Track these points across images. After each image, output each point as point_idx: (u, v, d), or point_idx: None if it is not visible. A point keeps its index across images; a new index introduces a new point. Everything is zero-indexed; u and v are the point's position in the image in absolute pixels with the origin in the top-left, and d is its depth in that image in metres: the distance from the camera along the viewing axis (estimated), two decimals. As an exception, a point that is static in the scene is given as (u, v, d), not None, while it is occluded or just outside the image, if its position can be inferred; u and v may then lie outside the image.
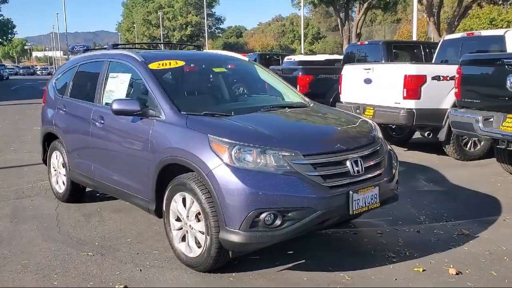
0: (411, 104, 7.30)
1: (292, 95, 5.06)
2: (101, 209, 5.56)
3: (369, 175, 3.75)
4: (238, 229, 3.37)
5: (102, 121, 4.74)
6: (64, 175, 5.69)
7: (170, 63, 4.67)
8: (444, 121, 7.49)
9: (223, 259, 3.65)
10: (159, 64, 4.59)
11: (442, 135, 7.60)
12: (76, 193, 5.74)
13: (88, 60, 5.56)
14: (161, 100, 4.14)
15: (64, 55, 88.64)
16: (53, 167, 5.99)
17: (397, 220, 4.93)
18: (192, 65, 4.93)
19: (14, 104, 20.87)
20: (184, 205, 3.82)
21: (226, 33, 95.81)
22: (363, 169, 3.69)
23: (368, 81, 8.06)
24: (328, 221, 3.64)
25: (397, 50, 10.89)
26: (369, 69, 8.04)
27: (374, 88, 7.96)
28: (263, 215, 3.35)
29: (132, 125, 4.32)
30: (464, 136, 7.57)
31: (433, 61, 9.44)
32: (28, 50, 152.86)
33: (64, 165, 5.65)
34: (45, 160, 6.23)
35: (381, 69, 7.94)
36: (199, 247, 3.74)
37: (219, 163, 3.46)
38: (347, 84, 8.75)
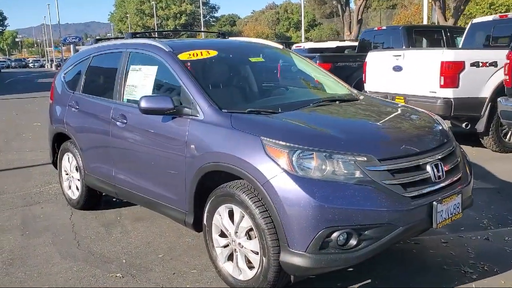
0: (449, 93, 6.74)
1: (336, 86, 4.49)
2: (121, 217, 4.99)
3: (450, 181, 3.20)
4: (305, 251, 2.81)
5: (125, 120, 4.16)
6: (78, 179, 5.12)
7: (201, 53, 4.08)
8: (483, 110, 6.95)
9: (281, 284, 3.10)
10: (190, 54, 4.01)
11: (481, 126, 7.05)
12: (92, 199, 5.16)
13: (103, 51, 4.95)
14: (198, 97, 3.56)
15: (56, 47, 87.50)
16: (65, 171, 5.41)
17: (458, 226, 4.38)
18: (224, 55, 4.34)
19: (9, 98, 20.11)
20: (231, 219, 3.27)
21: (219, 22, 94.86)
22: (444, 174, 3.14)
23: (397, 68, 7.48)
24: (404, 237, 3.10)
25: (417, 35, 10.31)
26: (400, 55, 7.46)
27: (405, 76, 7.39)
28: (335, 235, 2.79)
29: (163, 125, 3.74)
30: (504, 127, 7.04)
31: (460, 46, 8.88)
32: (20, 43, 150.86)
33: (78, 169, 5.07)
34: (55, 163, 5.64)
35: (413, 56, 7.36)
36: (250, 268, 3.18)
37: (278, 172, 2.89)
38: (373, 72, 8.18)
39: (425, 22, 16.84)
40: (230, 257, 3.35)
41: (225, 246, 3.37)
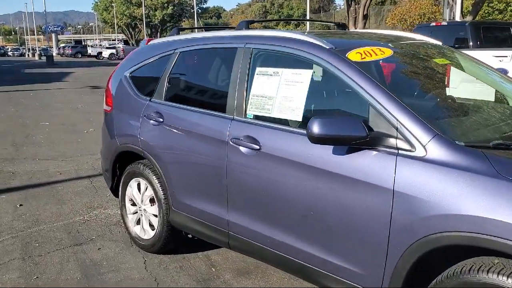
0: None
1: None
2: (215, 267, 3.73)
3: None
4: None
5: (256, 146, 2.88)
6: (155, 215, 3.84)
7: (374, 52, 2.83)
8: None
9: None
10: (361, 54, 2.75)
11: None
12: (174, 242, 3.89)
13: (198, 45, 3.62)
14: (410, 121, 2.31)
15: (37, 35, 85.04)
16: (131, 200, 4.12)
17: None
18: (403, 54, 3.08)
19: (1, 91, 18.32)
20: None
21: (204, 14, 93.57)
22: None
23: (502, 72, 6.31)
24: None
25: (485, 32, 9.17)
26: (505, 56, 6.29)
27: (512, 81, 6.22)
28: None
29: (338, 160, 2.48)
30: None
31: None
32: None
33: (155, 201, 3.79)
34: (115, 189, 4.34)
35: (527, 57, 6.21)
36: None
37: None
38: (462, 75, 6.99)
39: (457, 19, 15.75)
40: None
41: None
